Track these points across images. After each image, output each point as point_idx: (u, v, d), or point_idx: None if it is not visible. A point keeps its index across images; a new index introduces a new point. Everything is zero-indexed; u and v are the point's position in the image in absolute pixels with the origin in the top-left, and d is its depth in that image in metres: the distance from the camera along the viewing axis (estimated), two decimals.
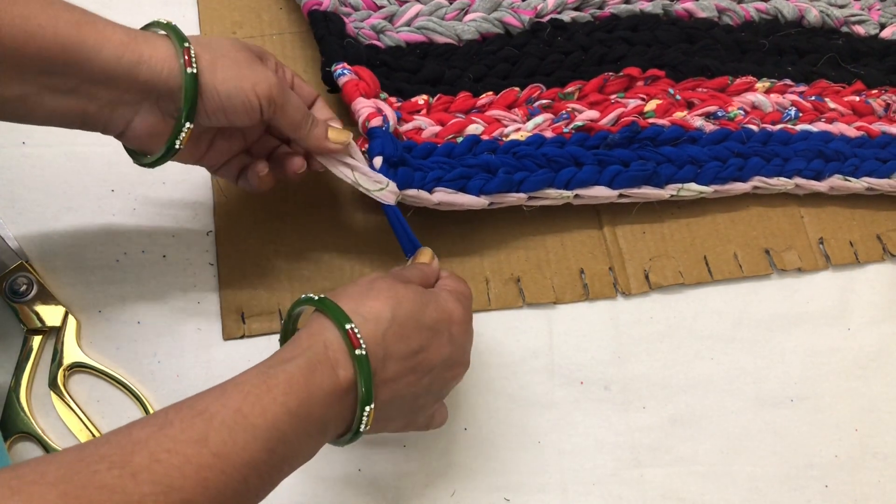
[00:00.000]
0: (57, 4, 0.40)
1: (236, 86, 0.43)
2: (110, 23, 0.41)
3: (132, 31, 0.42)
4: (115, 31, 0.41)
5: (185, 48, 0.41)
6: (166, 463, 0.32)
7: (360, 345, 0.40)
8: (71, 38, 0.39)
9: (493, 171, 0.54)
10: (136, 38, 0.41)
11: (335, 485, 0.52)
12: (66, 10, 0.40)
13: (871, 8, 0.72)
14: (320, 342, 0.40)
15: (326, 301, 0.41)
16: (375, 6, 0.60)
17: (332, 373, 0.39)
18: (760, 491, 0.56)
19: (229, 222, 0.56)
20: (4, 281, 0.52)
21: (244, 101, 0.43)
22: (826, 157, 0.63)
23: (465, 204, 0.54)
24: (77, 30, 0.39)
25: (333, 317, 0.40)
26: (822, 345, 0.60)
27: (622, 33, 0.63)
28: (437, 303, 0.45)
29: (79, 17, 0.40)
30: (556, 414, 0.56)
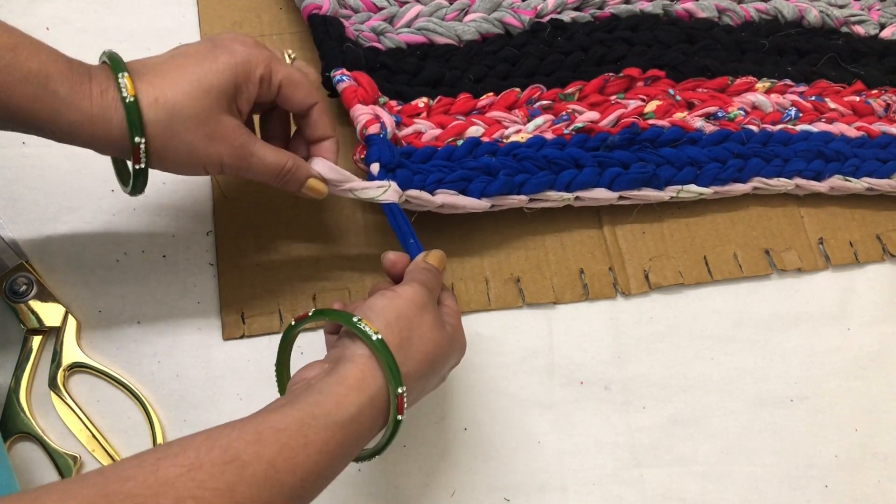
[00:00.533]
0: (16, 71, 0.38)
1: (186, 167, 0.43)
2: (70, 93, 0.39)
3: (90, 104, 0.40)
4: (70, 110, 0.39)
5: (136, 146, 0.41)
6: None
7: (403, 411, 0.40)
8: (24, 113, 0.39)
9: (494, 174, 0.54)
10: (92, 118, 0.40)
11: (335, 485, 0.52)
12: (24, 81, 0.38)
13: (871, 8, 0.72)
14: (367, 397, 0.39)
15: (384, 349, 0.40)
16: (376, 8, 0.60)
17: (367, 431, 0.39)
18: (760, 491, 0.56)
19: (229, 222, 0.56)
20: (4, 281, 0.52)
21: (194, 174, 0.44)
22: (826, 157, 0.63)
23: (466, 206, 0.54)
24: (31, 105, 0.39)
25: (389, 376, 0.39)
26: (822, 345, 0.60)
27: (622, 33, 0.63)
28: (461, 350, 0.46)
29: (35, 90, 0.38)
30: (556, 414, 0.56)
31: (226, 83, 0.42)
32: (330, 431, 0.37)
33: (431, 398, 0.55)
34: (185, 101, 0.41)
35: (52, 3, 0.60)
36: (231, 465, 0.33)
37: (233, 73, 0.43)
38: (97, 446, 0.51)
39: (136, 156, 0.41)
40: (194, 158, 0.42)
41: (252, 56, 0.43)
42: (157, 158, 0.42)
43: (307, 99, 0.46)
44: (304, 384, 0.40)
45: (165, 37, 0.60)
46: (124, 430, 0.51)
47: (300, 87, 0.46)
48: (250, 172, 0.45)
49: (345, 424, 0.37)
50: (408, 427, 0.54)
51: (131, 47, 0.44)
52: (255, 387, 0.53)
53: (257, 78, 0.44)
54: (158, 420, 0.51)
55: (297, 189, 0.47)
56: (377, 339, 0.40)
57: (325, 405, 0.37)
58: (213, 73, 0.42)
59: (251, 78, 0.43)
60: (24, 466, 0.50)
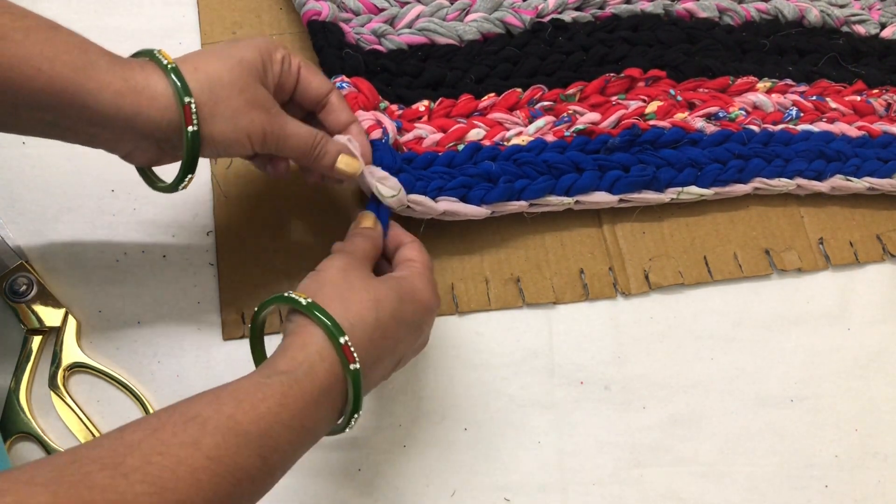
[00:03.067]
0: (58, 44, 0.39)
1: (232, 136, 0.43)
2: (111, 63, 0.40)
3: (131, 74, 0.40)
4: (114, 78, 0.40)
5: (187, 105, 0.41)
6: (159, 465, 0.33)
7: (354, 359, 0.40)
8: (67, 85, 0.39)
9: (494, 181, 0.55)
10: (136, 87, 0.40)
11: (335, 485, 0.52)
12: (66, 50, 0.39)
13: (872, 7, 0.71)
14: (314, 353, 0.40)
15: (317, 309, 0.41)
16: (376, 9, 0.60)
17: (326, 384, 0.40)
18: (760, 491, 0.56)
19: (229, 222, 0.56)
20: (4, 281, 0.52)
21: (238, 147, 0.44)
22: (827, 157, 0.63)
23: (468, 214, 0.54)
24: (75, 75, 0.39)
25: (327, 330, 0.40)
26: (822, 345, 0.60)
27: (623, 33, 0.63)
28: (413, 294, 0.45)
29: (78, 60, 0.39)
30: (556, 414, 0.56)
31: (254, 58, 0.44)
32: (285, 386, 0.38)
33: (431, 398, 0.55)
34: (223, 69, 0.43)
35: (52, 3, 0.60)
36: (192, 422, 0.35)
37: (258, 52, 0.44)
38: None
39: (187, 116, 0.41)
40: (239, 126, 0.43)
41: (270, 42, 0.46)
42: (206, 126, 0.42)
43: (325, 84, 0.48)
44: None
45: (165, 37, 0.60)
46: None
47: (317, 73, 0.48)
48: (287, 144, 0.46)
49: (299, 379, 0.38)
50: (408, 427, 0.54)
51: (131, 47, 0.44)
52: None
53: (279, 58, 0.46)
54: None
55: (330, 166, 0.48)
56: (307, 301, 0.41)
57: (276, 367, 0.39)
58: (241, 50, 0.44)
59: (273, 57, 0.45)
60: None
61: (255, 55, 0.44)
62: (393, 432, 0.54)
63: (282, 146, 0.45)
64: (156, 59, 0.42)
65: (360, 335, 0.41)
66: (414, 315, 0.45)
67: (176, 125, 0.41)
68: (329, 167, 0.48)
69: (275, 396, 0.37)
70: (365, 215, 0.49)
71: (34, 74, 0.38)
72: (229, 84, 0.43)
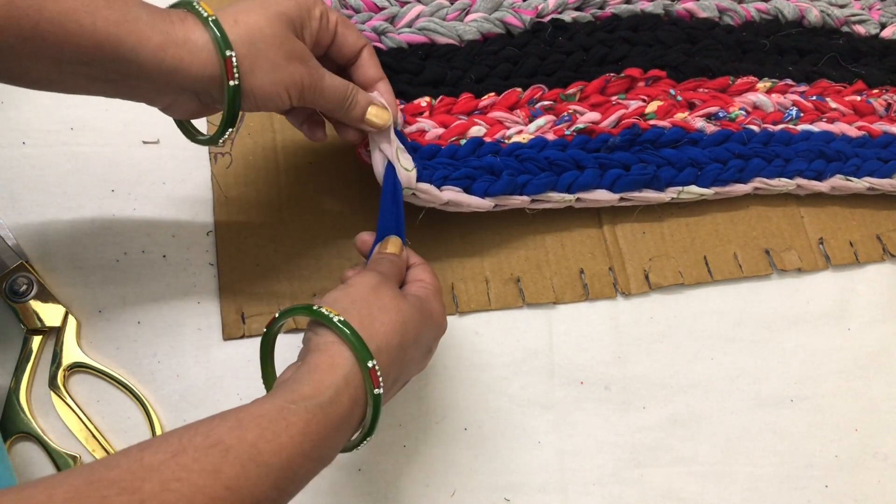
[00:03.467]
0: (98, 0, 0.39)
1: (271, 89, 0.43)
2: (151, 16, 0.40)
3: (171, 27, 0.40)
4: (155, 32, 0.40)
5: (228, 58, 0.41)
6: (177, 492, 0.32)
7: (379, 384, 0.40)
8: (110, 39, 0.39)
9: (497, 174, 0.54)
10: (177, 41, 0.40)
11: (335, 485, 0.52)
12: (107, 5, 0.39)
13: (872, 8, 0.71)
14: (341, 377, 0.39)
15: (349, 329, 0.40)
16: (377, 8, 0.60)
17: (347, 411, 0.39)
18: (760, 491, 0.56)
19: (229, 222, 0.56)
20: (4, 281, 0.52)
21: (277, 101, 0.44)
22: (827, 157, 0.63)
23: (471, 205, 0.54)
24: (116, 29, 0.39)
25: (357, 352, 0.40)
26: (822, 345, 0.60)
27: (623, 33, 0.63)
28: (432, 317, 0.45)
29: (118, 14, 0.39)
30: (556, 414, 0.56)
31: (293, 11, 0.44)
32: (310, 413, 0.37)
33: (432, 398, 0.55)
34: (262, 22, 0.43)
35: None
36: (214, 449, 0.34)
37: (297, 5, 0.45)
38: (97, 446, 0.51)
39: (229, 70, 0.41)
40: (278, 79, 0.43)
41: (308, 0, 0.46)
42: (247, 79, 0.42)
43: (360, 39, 0.49)
44: (279, 382, 0.41)
45: None
46: (124, 430, 0.51)
47: (352, 28, 0.49)
48: (323, 95, 0.46)
49: (324, 406, 0.38)
50: (408, 427, 0.54)
51: None
52: (255, 387, 0.53)
53: (318, 14, 0.46)
54: (158, 420, 0.51)
55: (361, 117, 0.48)
56: (339, 319, 0.40)
57: (302, 391, 0.38)
58: (280, 2, 0.44)
59: (312, 13, 0.46)
60: (24, 466, 0.50)
61: (294, 9, 0.44)
62: (393, 432, 0.54)
63: (318, 98, 0.46)
64: (195, 10, 0.41)
65: (385, 358, 0.41)
66: (430, 338, 0.45)
67: (217, 79, 0.41)
68: (359, 118, 0.48)
69: (298, 425, 0.36)
70: (392, 240, 0.49)
71: (76, 29, 0.38)
72: (269, 36, 0.43)
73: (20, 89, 0.54)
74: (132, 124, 0.57)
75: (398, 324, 0.42)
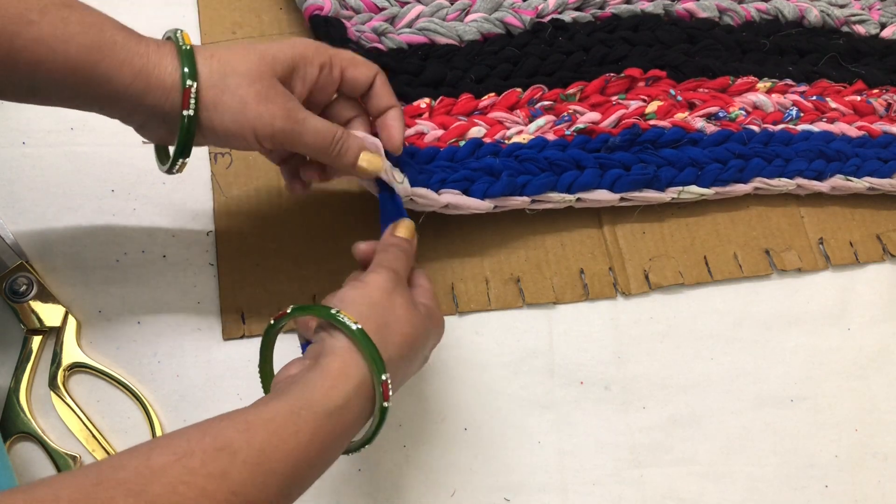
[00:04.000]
0: (73, 24, 0.39)
1: (234, 127, 0.42)
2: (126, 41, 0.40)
3: (146, 52, 0.40)
4: (128, 55, 0.40)
5: (187, 88, 0.40)
6: (183, 495, 0.32)
7: (389, 397, 0.40)
8: (81, 65, 0.38)
9: (497, 175, 0.54)
10: (146, 66, 0.40)
11: (335, 485, 0.52)
12: (82, 31, 0.39)
13: (872, 7, 0.71)
14: (353, 386, 0.39)
15: (366, 340, 0.39)
16: (377, 8, 0.60)
17: (355, 420, 0.39)
18: (760, 491, 0.56)
19: (229, 222, 0.56)
20: (4, 281, 0.52)
21: (241, 141, 0.43)
22: (827, 157, 0.63)
23: (471, 207, 0.54)
24: (88, 56, 0.39)
25: (373, 364, 0.39)
26: (822, 345, 0.60)
27: (623, 33, 0.63)
28: (437, 327, 0.45)
29: (93, 38, 0.39)
30: (556, 414, 0.56)
31: (283, 56, 0.43)
32: (319, 421, 0.37)
33: (432, 398, 0.55)
34: (240, 60, 0.42)
35: None
36: (222, 452, 0.34)
37: (291, 52, 0.43)
38: (97, 446, 0.51)
39: (185, 99, 0.40)
40: (245, 118, 0.42)
41: (316, 49, 0.45)
42: (206, 113, 0.41)
43: (370, 72, 0.47)
44: (287, 381, 0.40)
45: None
46: (124, 430, 0.51)
47: (360, 64, 0.47)
48: (302, 140, 0.44)
49: (333, 414, 0.38)
50: (408, 427, 0.54)
51: None
52: (255, 387, 0.52)
53: (317, 64, 0.44)
54: (158, 420, 0.51)
55: (352, 164, 0.46)
56: (357, 328, 0.40)
57: (312, 397, 0.38)
58: (273, 47, 0.43)
59: (310, 61, 0.44)
60: (24, 466, 0.50)
61: (286, 55, 0.43)
62: (393, 432, 0.54)
63: (296, 143, 0.44)
64: (175, 38, 0.41)
65: (394, 370, 0.41)
66: (430, 347, 0.46)
67: (179, 107, 0.41)
68: (350, 164, 0.46)
69: (306, 432, 0.36)
70: (404, 224, 0.48)
71: (49, 56, 0.38)
72: (242, 74, 0.42)
73: None
74: None
75: (411, 337, 0.42)
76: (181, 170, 0.44)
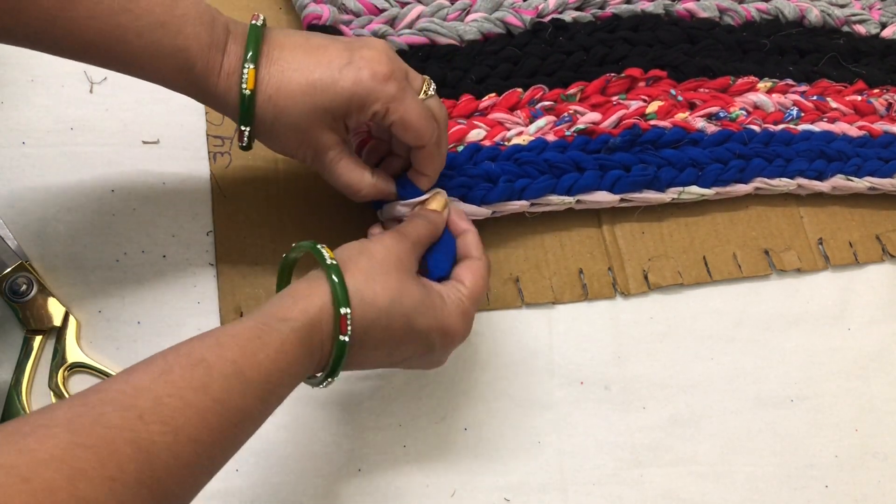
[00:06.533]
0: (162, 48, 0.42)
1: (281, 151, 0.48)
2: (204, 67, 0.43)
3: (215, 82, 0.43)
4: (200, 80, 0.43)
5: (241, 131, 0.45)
6: (170, 406, 0.34)
7: (346, 332, 0.41)
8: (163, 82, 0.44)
9: (494, 181, 0.54)
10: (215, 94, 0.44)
11: (335, 485, 0.52)
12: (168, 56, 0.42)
13: (872, 7, 0.71)
14: (316, 307, 0.40)
15: (335, 271, 0.41)
16: (377, 10, 0.60)
17: (318, 342, 0.41)
18: (760, 491, 0.56)
19: (229, 222, 0.56)
20: (4, 281, 0.52)
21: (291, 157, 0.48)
22: (828, 157, 0.63)
23: (469, 213, 0.54)
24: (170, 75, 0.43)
25: (334, 295, 0.41)
26: (822, 345, 0.60)
27: (624, 33, 0.63)
28: (436, 312, 0.45)
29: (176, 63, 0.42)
30: (556, 414, 0.56)
31: (338, 107, 0.44)
32: (283, 335, 0.39)
33: (432, 398, 0.55)
34: (294, 109, 0.44)
35: None
36: (199, 366, 0.36)
37: (348, 101, 0.44)
38: None
39: (240, 136, 0.45)
40: (288, 151, 0.47)
41: (375, 91, 0.44)
42: (259, 138, 0.46)
43: (414, 142, 0.47)
44: None
45: None
46: None
47: (410, 131, 0.46)
48: (330, 181, 0.48)
49: (297, 330, 0.39)
50: (408, 427, 0.54)
51: None
52: None
53: (370, 113, 0.45)
54: None
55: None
56: (331, 263, 0.41)
57: (276, 313, 0.40)
58: (331, 93, 0.44)
59: (364, 111, 0.45)
60: None
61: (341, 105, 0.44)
62: (393, 432, 0.54)
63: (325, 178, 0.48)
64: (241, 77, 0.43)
65: (364, 312, 0.41)
66: (428, 331, 0.44)
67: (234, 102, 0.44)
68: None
69: (274, 344, 0.38)
70: (437, 197, 0.50)
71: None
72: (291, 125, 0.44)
73: (20, 89, 0.54)
74: (132, 124, 0.57)
75: (394, 291, 0.42)
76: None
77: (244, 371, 0.37)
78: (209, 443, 0.35)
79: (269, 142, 0.46)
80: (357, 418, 0.54)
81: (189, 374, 0.35)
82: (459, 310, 0.46)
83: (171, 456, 0.33)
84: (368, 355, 0.44)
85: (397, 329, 0.43)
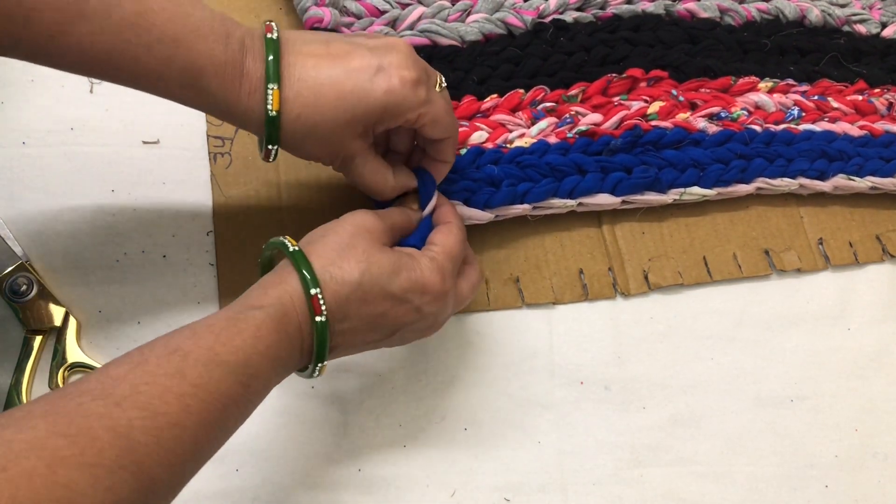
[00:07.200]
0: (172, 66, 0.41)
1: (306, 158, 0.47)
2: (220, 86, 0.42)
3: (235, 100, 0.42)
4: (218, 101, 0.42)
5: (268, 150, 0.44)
6: (148, 393, 0.34)
7: (321, 312, 0.41)
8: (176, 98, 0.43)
9: (497, 185, 0.55)
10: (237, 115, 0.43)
11: (335, 485, 0.52)
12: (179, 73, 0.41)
13: (873, 7, 0.71)
14: (287, 294, 0.41)
15: (299, 257, 0.42)
16: (378, 12, 0.60)
17: (295, 326, 0.41)
18: (760, 491, 0.56)
19: (229, 222, 0.56)
20: (4, 281, 0.52)
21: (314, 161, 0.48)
22: (830, 156, 0.63)
23: (472, 218, 0.54)
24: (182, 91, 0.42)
25: (302, 279, 0.41)
26: (822, 345, 0.60)
27: (624, 34, 0.63)
28: (410, 271, 0.44)
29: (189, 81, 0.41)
30: (556, 414, 0.56)
31: (370, 117, 0.44)
32: (258, 320, 0.39)
33: (431, 398, 0.55)
34: (324, 125, 0.43)
35: None
36: (174, 355, 0.36)
37: (381, 111, 0.44)
38: None
39: (266, 154, 0.44)
40: (313, 158, 0.46)
41: (408, 99, 0.44)
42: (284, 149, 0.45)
43: (442, 135, 0.47)
44: None
45: None
46: None
47: (438, 126, 0.47)
48: (354, 183, 0.48)
49: (271, 315, 0.40)
50: (408, 427, 0.54)
51: None
52: None
53: (403, 119, 0.45)
54: None
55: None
56: (294, 250, 0.42)
57: (248, 302, 0.41)
58: (364, 106, 0.43)
59: (397, 118, 0.45)
60: None
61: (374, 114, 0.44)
62: (393, 432, 0.54)
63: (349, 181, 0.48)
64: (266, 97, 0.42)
65: (337, 290, 0.42)
66: (405, 292, 0.44)
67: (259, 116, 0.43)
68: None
69: (249, 329, 0.39)
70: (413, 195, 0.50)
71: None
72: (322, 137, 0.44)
73: (20, 89, 0.54)
74: (132, 124, 0.57)
75: (362, 263, 0.42)
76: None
77: (221, 356, 0.37)
78: (191, 426, 0.35)
79: (295, 152, 0.46)
80: (357, 418, 0.54)
81: (165, 362, 0.36)
82: (433, 265, 0.45)
83: (152, 440, 0.33)
84: (356, 335, 0.44)
85: (375, 298, 0.43)
